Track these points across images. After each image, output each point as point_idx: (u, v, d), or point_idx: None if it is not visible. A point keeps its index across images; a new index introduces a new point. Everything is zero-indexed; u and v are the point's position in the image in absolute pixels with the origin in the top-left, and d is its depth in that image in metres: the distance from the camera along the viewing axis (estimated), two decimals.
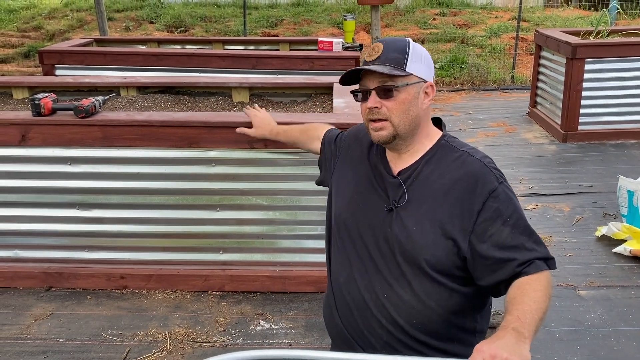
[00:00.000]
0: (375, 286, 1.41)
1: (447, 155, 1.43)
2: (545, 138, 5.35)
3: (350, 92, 1.50)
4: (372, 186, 1.47)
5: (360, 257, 1.45)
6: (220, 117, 2.90)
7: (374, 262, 1.42)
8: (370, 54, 1.41)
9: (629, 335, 2.62)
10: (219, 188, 2.87)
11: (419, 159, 1.44)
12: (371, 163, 1.51)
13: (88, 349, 2.56)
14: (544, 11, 10.94)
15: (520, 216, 1.35)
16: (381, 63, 1.38)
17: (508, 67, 7.83)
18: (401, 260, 1.38)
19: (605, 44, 5.03)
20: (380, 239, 1.41)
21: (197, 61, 4.58)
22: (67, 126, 2.80)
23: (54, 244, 3.01)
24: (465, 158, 1.41)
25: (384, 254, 1.40)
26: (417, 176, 1.42)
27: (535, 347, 2.56)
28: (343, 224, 1.50)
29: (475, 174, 1.37)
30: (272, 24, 10.15)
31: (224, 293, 2.98)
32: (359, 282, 1.44)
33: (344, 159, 1.61)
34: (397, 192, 1.42)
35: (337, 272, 1.52)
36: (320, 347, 2.51)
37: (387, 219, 1.41)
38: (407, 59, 1.39)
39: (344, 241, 1.50)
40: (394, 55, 1.39)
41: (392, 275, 1.39)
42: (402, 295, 1.38)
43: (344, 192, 1.53)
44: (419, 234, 1.36)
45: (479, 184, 1.35)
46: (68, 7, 11.12)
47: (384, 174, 1.47)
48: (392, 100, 1.39)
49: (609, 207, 3.88)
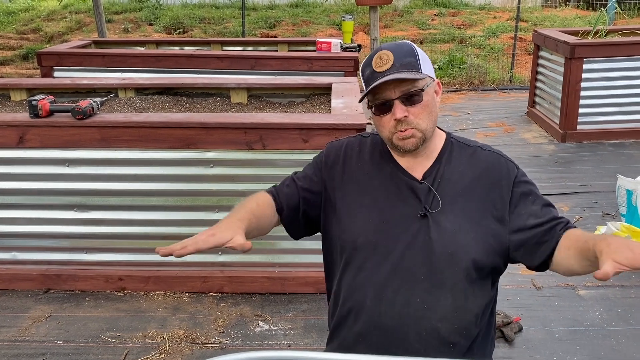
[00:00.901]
0: (415, 299, 1.34)
1: (461, 152, 1.43)
2: (544, 138, 5.35)
3: (369, 107, 1.39)
4: (397, 197, 1.39)
5: (394, 273, 1.35)
6: (218, 118, 2.89)
7: (411, 274, 1.34)
8: (380, 64, 1.35)
9: (629, 335, 2.62)
10: (217, 189, 2.87)
11: (436, 160, 1.42)
12: (385, 173, 1.43)
13: (86, 351, 2.55)
14: (543, 11, 10.95)
15: (541, 195, 1.42)
16: (399, 70, 1.33)
17: (507, 67, 7.83)
18: (443, 266, 1.33)
19: (603, 43, 5.03)
20: (417, 248, 1.35)
21: (195, 62, 4.58)
22: (64, 128, 2.80)
23: (52, 245, 3.00)
24: (480, 153, 1.43)
25: (424, 263, 1.34)
26: (441, 177, 1.39)
27: (534, 346, 2.56)
28: (365, 245, 1.38)
29: (496, 166, 1.40)
30: (270, 25, 10.16)
31: (223, 294, 2.98)
32: (393, 300, 1.35)
33: (342, 181, 1.46)
34: (427, 197, 1.37)
35: (358, 298, 1.39)
36: (319, 347, 2.50)
37: (423, 227, 1.35)
38: (419, 61, 1.36)
39: (365, 262, 1.38)
40: (407, 59, 1.35)
41: (432, 283, 1.34)
42: (444, 301, 1.34)
43: (359, 213, 1.41)
44: (460, 235, 1.34)
45: (503, 175, 1.39)
46: (67, 9, 11.12)
47: (408, 180, 1.40)
48: (418, 105, 1.35)
49: (608, 206, 3.88)
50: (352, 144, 1.51)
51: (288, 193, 1.47)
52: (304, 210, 1.47)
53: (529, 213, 1.36)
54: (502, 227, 1.36)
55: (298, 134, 2.74)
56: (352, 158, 1.48)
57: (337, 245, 1.44)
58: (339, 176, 1.46)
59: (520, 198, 1.37)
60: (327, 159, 1.50)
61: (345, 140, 1.54)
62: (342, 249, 1.43)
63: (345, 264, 1.42)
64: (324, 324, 2.69)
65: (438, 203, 1.36)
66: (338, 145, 1.52)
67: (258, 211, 1.40)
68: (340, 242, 1.43)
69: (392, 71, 1.32)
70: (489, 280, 1.39)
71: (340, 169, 1.47)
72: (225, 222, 1.31)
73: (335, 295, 1.48)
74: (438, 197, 1.37)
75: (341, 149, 1.50)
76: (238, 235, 1.23)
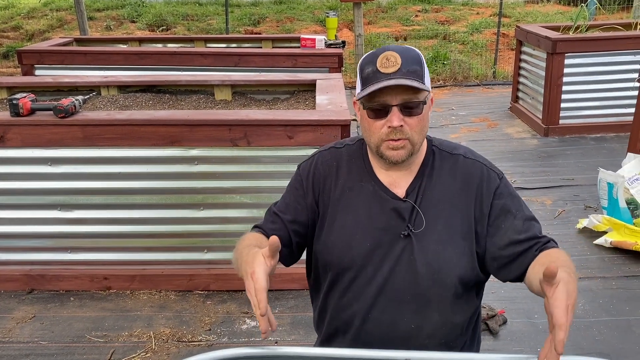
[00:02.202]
0: (402, 319, 1.33)
1: (442, 163, 1.38)
2: (527, 132, 5.40)
3: (365, 109, 1.30)
4: (379, 217, 1.34)
5: (380, 294, 1.33)
6: (202, 115, 2.88)
7: (397, 294, 1.32)
8: (386, 65, 1.25)
9: (611, 326, 2.66)
10: (202, 187, 2.86)
11: (417, 174, 1.37)
12: (366, 192, 1.37)
13: (72, 351, 2.53)
14: (525, 7, 11.04)
15: (525, 207, 1.36)
16: (405, 76, 1.24)
17: (490, 62, 7.89)
18: (429, 284, 1.31)
19: (584, 38, 5.09)
20: (401, 269, 1.32)
21: (179, 59, 4.56)
22: (46, 126, 2.77)
23: (36, 246, 2.97)
24: (462, 162, 1.38)
25: (410, 283, 1.31)
26: (423, 194, 1.34)
27: (518, 338, 2.59)
28: (350, 266, 1.35)
29: (478, 177, 1.35)
30: (254, 21, 10.12)
31: (209, 292, 2.97)
32: (380, 320, 1.34)
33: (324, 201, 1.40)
34: (411, 216, 1.33)
35: (345, 318, 1.38)
36: (306, 343, 2.51)
37: (407, 246, 1.32)
38: (424, 71, 1.28)
39: (352, 284, 1.36)
40: (414, 67, 1.26)
41: (419, 303, 1.32)
42: (431, 319, 1.33)
43: (343, 235, 1.36)
44: (445, 253, 1.31)
45: (484, 186, 1.34)
46: (47, 7, 10.99)
47: (390, 200, 1.35)
48: (415, 117, 1.28)
49: (590, 199, 3.94)
50: (326, 160, 1.43)
51: (275, 229, 1.38)
52: (296, 242, 1.41)
53: (507, 228, 1.32)
54: (481, 240, 1.33)
55: (283, 131, 2.74)
56: (330, 177, 1.40)
57: (321, 264, 1.41)
58: (320, 197, 1.40)
59: (500, 211, 1.33)
60: (307, 182, 1.41)
61: (317, 158, 1.44)
62: (327, 269, 1.40)
63: (331, 283, 1.39)
64: (310, 320, 2.70)
65: (422, 222, 1.33)
66: (311, 165, 1.44)
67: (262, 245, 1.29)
68: (324, 263, 1.39)
69: (398, 76, 1.24)
70: (474, 291, 1.39)
71: (320, 189, 1.40)
72: (246, 261, 1.21)
73: (321, 311, 1.46)
74: (422, 215, 1.33)
75: (317, 168, 1.42)
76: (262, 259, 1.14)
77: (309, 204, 1.40)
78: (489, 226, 1.33)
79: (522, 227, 1.32)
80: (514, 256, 1.31)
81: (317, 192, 1.40)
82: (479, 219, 1.33)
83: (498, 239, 1.32)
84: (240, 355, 1.19)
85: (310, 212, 1.40)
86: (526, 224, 1.32)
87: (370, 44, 8.64)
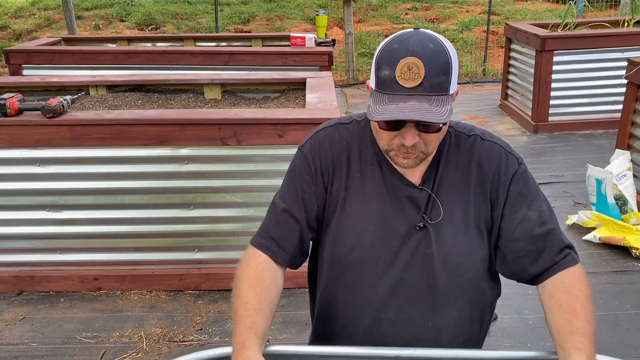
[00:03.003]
0: (419, 317, 1.24)
1: (459, 145, 1.25)
2: (517, 130, 5.43)
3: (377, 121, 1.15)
4: (393, 206, 1.23)
5: (394, 292, 1.23)
6: (192, 114, 2.87)
7: (413, 291, 1.22)
8: (406, 76, 1.08)
9: (599, 320, 2.68)
10: (192, 186, 2.85)
11: (434, 159, 1.24)
12: (378, 178, 1.24)
13: (62, 352, 2.52)
14: (514, 4, 11.09)
15: (544, 198, 1.25)
16: (425, 92, 1.08)
17: (479, 60, 7.92)
18: (447, 280, 1.21)
19: (572, 36, 5.12)
20: (418, 263, 1.21)
21: (168, 58, 4.54)
22: (34, 126, 2.75)
23: (25, 247, 2.95)
24: (479, 145, 1.25)
25: (427, 279, 1.22)
26: (440, 181, 1.23)
27: (509, 334, 2.60)
28: (359, 261, 1.23)
29: (496, 162, 1.24)
30: (244, 20, 10.10)
31: (200, 292, 2.96)
32: (395, 321, 1.24)
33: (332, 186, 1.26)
34: (427, 205, 1.22)
35: (354, 317, 1.28)
36: (297, 342, 2.51)
37: (424, 239, 1.21)
38: (451, 78, 1.10)
39: (361, 280, 1.24)
40: (439, 79, 1.08)
41: (436, 299, 1.23)
42: (450, 317, 1.24)
43: (352, 225, 1.24)
44: (463, 245, 1.21)
45: (502, 171, 1.23)
46: (35, 6, 10.90)
47: (405, 188, 1.23)
48: (433, 134, 1.15)
49: (579, 196, 3.96)
50: (334, 139, 1.27)
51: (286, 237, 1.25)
52: (310, 238, 1.29)
53: (519, 218, 1.21)
54: (495, 229, 1.24)
55: (273, 129, 2.73)
56: (340, 159, 1.26)
57: (327, 256, 1.28)
58: (329, 182, 1.26)
59: (515, 199, 1.22)
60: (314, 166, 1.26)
61: (322, 136, 1.29)
62: (333, 262, 1.27)
63: (335, 278, 1.27)
64: (302, 319, 2.71)
65: (439, 212, 1.21)
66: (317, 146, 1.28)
67: (264, 299, 1.18)
68: (330, 256, 1.27)
69: (419, 91, 1.07)
70: (492, 285, 1.30)
71: (329, 173, 1.26)
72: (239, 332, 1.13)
73: (322, 310, 1.34)
74: (439, 204, 1.22)
75: (323, 148, 1.27)
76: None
77: (318, 192, 1.26)
78: (503, 216, 1.22)
79: (536, 223, 1.20)
80: (524, 256, 1.21)
81: (327, 177, 1.26)
82: (494, 207, 1.23)
83: (508, 229, 1.22)
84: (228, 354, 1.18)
85: (319, 200, 1.26)
86: (542, 220, 1.21)
87: (361, 42, 8.65)
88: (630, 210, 3.51)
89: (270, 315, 1.19)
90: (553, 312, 1.18)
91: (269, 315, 1.18)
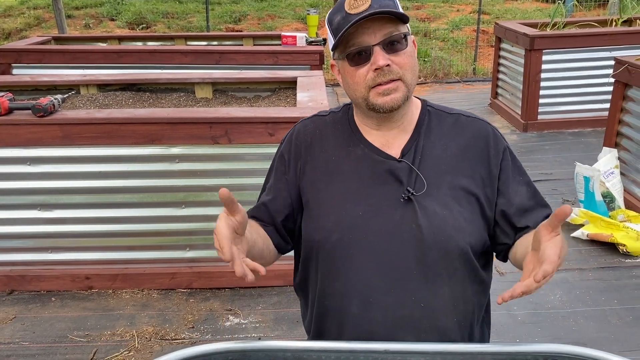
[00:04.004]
0: (410, 298, 1.17)
1: (441, 121, 1.24)
2: (507, 128, 5.47)
3: (343, 59, 1.16)
4: (372, 181, 1.19)
5: (381, 272, 1.17)
6: (183, 113, 2.88)
7: (402, 270, 1.16)
8: (355, 5, 1.11)
9: (587, 316, 2.72)
10: (183, 185, 2.86)
11: (414, 132, 1.22)
12: (356, 156, 1.22)
13: (54, 351, 2.52)
14: (504, 4, 11.16)
15: (526, 172, 1.28)
16: (376, 10, 1.10)
17: (470, 59, 7.96)
18: (437, 255, 1.15)
19: (561, 35, 5.16)
20: (404, 239, 1.16)
21: (159, 57, 4.53)
22: (25, 126, 2.74)
23: (16, 246, 2.95)
24: (463, 120, 1.25)
25: (415, 255, 1.16)
26: (422, 153, 1.20)
27: (498, 330, 2.63)
28: (340, 242, 1.18)
29: (484, 136, 1.23)
30: (235, 19, 10.09)
31: (192, 290, 2.97)
32: (385, 304, 1.18)
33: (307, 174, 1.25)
34: (410, 177, 1.18)
35: (341, 305, 1.21)
36: (289, 339, 2.53)
37: (408, 213, 1.16)
38: (397, 5, 1.15)
39: (344, 263, 1.18)
40: (386, 1, 1.12)
41: (427, 277, 1.16)
42: (442, 295, 1.18)
43: (330, 207, 1.20)
44: (452, 218, 1.16)
45: (491, 145, 1.22)
46: (24, 5, 10.83)
47: (383, 161, 1.20)
48: (402, 53, 1.14)
49: (568, 193, 4.01)
50: (308, 129, 1.29)
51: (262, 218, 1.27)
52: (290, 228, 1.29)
53: (515, 197, 1.22)
54: (490, 204, 1.21)
55: (264, 128, 2.75)
56: (313, 145, 1.26)
57: (308, 245, 1.25)
58: (302, 169, 1.26)
59: (508, 173, 1.23)
60: (288, 155, 1.28)
61: (298, 128, 1.31)
62: (315, 251, 1.22)
63: (321, 266, 1.23)
64: (294, 316, 2.72)
65: (423, 184, 1.17)
66: (292, 136, 1.30)
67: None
68: (311, 244, 1.23)
69: (371, 11, 1.10)
70: (485, 262, 1.26)
71: (303, 161, 1.26)
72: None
73: (311, 304, 1.30)
74: (422, 176, 1.17)
75: (298, 138, 1.28)
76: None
77: (290, 181, 1.26)
78: (498, 190, 1.21)
79: (525, 195, 1.22)
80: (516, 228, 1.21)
81: (300, 165, 1.26)
82: (487, 181, 1.21)
83: (507, 203, 1.21)
84: (221, 349, 1.19)
85: (293, 188, 1.25)
86: (529, 193, 1.23)
87: None
88: (617, 207, 3.56)
89: (257, 229, 1.21)
90: (526, 237, 1.18)
91: (256, 229, 1.21)
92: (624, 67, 3.66)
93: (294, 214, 1.27)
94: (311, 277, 1.28)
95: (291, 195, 1.26)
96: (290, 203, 1.26)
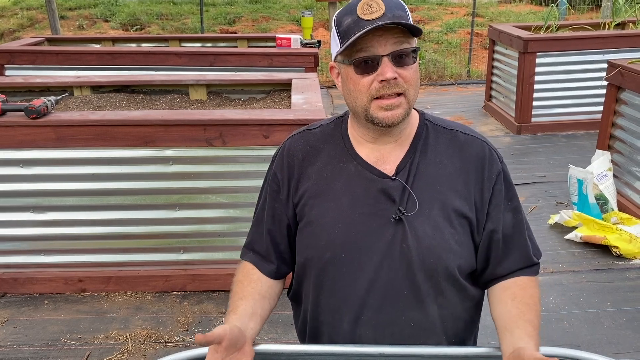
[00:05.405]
0: (400, 317, 1.18)
1: (438, 137, 1.22)
2: (501, 130, 5.49)
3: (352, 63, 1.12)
4: (365, 200, 1.17)
5: (372, 290, 1.17)
6: (177, 115, 2.87)
7: (392, 288, 1.17)
8: (368, 11, 1.07)
9: (580, 318, 2.73)
10: (177, 187, 2.85)
11: (410, 148, 1.20)
12: (348, 173, 1.20)
13: (46, 354, 2.51)
14: (498, 7, 11.21)
15: (518, 200, 1.25)
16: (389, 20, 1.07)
17: (464, 62, 7.99)
18: (426, 275, 1.15)
19: (555, 38, 5.19)
20: (394, 259, 1.15)
21: (153, 59, 4.52)
22: (18, 127, 2.73)
23: (8, 249, 2.93)
24: (461, 138, 1.22)
25: (405, 275, 1.16)
26: (416, 171, 1.18)
27: (492, 332, 2.62)
28: (333, 261, 1.19)
29: (480, 157, 1.21)
30: (230, 21, 10.08)
31: (186, 293, 2.96)
32: (375, 321, 1.19)
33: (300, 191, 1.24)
34: (402, 197, 1.16)
35: (333, 321, 1.22)
36: (283, 341, 2.52)
37: (399, 232, 1.15)
38: (409, 17, 1.11)
39: (337, 281, 1.19)
40: (399, 12, 1.08)
41: (417, 296, 1.17)
42: (432, 314, 1.19)
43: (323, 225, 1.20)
44: (442, 239, 1.15)
45: (487, 167, 1.20)
46: (17, 5, 10.78)
47: (376, 179, 1.18)
48: (409, 68, 1.11)
49: (561, 195, 4.02)
50: (298, 145, 1.26)
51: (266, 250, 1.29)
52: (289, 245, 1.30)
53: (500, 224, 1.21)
54: (479, 227, 1.20)
55: (258, 130, 2.74)
56: (304, 161, 1.24)
57: (301, 263, 1.25)
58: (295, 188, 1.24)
59: (499, 199, 1.21)
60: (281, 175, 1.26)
61: (288, 144, 1.28)
62: (309, 267, 1.23)
63: (314, 284, 1.23)
64: (288, 319, 2.71)
65: (415, 204, 1.15)
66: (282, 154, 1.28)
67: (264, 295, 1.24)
68: (304, 261, 1.23)
69: (384, 21, 1.06)
70: (473, 280, 1.26)
71: (295, 179, 1.24)
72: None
73: (304, 320, 1.31)
74: (414, 196, 1.16)
75: (289, 156, 1.26)
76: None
77: (284, 200, 1.25)
78: (488, 214, 1.20)
79: (509, 223, 1.21)
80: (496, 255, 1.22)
81: (292, 184, 1.24)
82: (479, 205, 1.19)
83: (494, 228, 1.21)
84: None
85: (288, 209, 1.25)
86: (515, 222, 1.22)
87: None
88: (610, 209, 3.57)
89: (259, 300, 1.22)
90: (505, 302, 1.20)
91: (257, 300, 1.22)
92: (617, 70, 3.68)
93: (294, 233, 1.28)
94: (304, 290, 1.29)
95: (288, 216, 1.26)
96: (288, 225, 1.27)
